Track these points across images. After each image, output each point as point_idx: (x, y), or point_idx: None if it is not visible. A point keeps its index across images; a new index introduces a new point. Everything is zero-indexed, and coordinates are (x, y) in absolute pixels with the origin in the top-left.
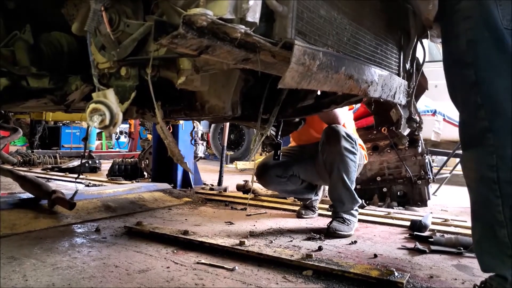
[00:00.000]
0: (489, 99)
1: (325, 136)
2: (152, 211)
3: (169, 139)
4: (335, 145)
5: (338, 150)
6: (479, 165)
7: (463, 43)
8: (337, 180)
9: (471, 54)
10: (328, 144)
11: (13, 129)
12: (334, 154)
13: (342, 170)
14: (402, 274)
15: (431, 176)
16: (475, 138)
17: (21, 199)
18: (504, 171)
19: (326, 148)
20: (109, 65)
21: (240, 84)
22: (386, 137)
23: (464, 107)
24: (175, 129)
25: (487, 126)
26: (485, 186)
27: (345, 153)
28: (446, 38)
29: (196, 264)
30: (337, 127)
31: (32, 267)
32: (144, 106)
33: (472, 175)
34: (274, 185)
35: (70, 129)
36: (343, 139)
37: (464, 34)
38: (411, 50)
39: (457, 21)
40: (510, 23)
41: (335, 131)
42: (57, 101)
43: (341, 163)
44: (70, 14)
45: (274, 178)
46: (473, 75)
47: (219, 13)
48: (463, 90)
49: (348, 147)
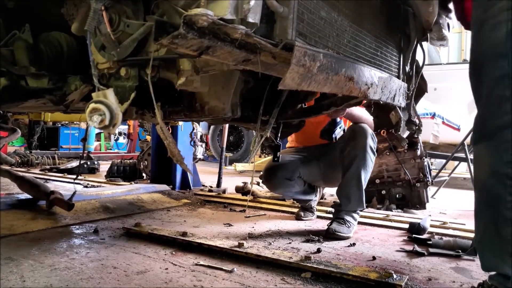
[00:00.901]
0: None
1: (352, 132)
2: (151, 212)
3: (169, 140)
4: (361, 141)
5: (363, 145)
6: (493, 160)
7: (501, 33)
8: (352, 176)
9: (508, 45)
10: (353, 139)
11: (11, 129)
12: (358, 149)
13: (361, 167)
14: (401, 276)
15: (430, 179)
16: (491, 132)
17: (19, 199)
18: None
19: (350, 143)
20: (109, 65)
21: (240, 86)
22: (385, 140)
23: (486, 101)
24: (174, 131)
25: (508, 121)
26: (497, 182)
27: (369, 151)
28: (481, 29)
29: (194, 266)
30: (365, 125)
31: (30, 268)
32: (144, 107)
33: (483, 169)
34: (282, 188)
35: (69, 130)
36: (370, 136)
37: (505, 24)
38: (411, 53)
39: (499, 12)
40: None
41: (363, 128)
42: (56, 101)
43: (362, 159)
44: (70, 14)
45: (284, 180)
46: (506, 67)
47: (220, 13)
48: (490, 83)
49: (373, 146)
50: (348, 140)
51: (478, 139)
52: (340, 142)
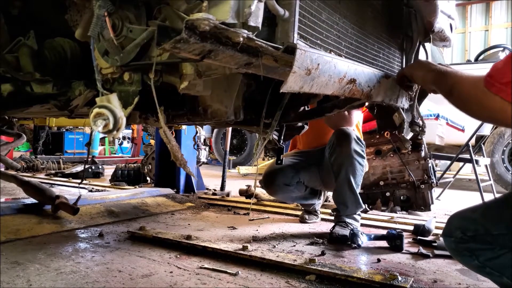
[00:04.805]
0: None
1: (336, 138)
2: (155, 216)
3: (172, 143)
4: (346, 147)
5: (348, 152)
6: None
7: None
8: (343, 182)
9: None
10: (338, 146)
11: (16, 134)
12: (343, 156)
13: (349, 173)
14: (406, 278)
15: (434, 180)
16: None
17: (25, 204)
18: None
19: (336, 149)
20: (112, 70)
21: (242, 89)
22: (389, 141)
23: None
24: (178, 134)
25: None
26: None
27: (355, 155)
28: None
29: (199, 269)
30: (348, 129)
31: (36, 272)
32: (147, 111)
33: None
34: (282, 194)
35: (73, 135)
36: (353, 141)
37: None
38: (414, 54)
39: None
40: None
41: (346, 133)
42: (60, 106)
43: (350, 165)
44: (74, 20)
45: (283, 186)
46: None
47: (221, 17)
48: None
49: (358, 150)
50: (333, 146)
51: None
52: (328, 148)
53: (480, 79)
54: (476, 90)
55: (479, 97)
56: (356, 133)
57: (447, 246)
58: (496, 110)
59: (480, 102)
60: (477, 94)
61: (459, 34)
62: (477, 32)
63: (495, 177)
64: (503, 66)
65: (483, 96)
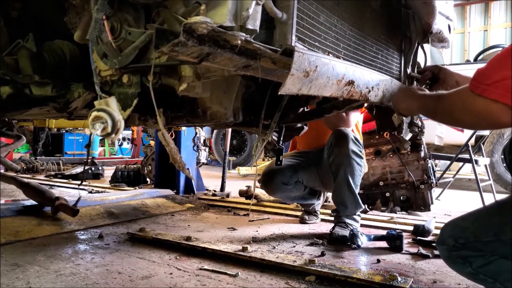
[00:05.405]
0: None
1: (334, 139)
2: (155, 217)
3: (170, 146)
4: (343, 147)
5: (346, 152)
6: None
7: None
8: (342, 183)
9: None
10: (336, 146)
11: (16, 136)
12: (341, 156)
13: (348, 173)
14: (405, 279)
15: (434, 180)
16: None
17: (24, 206)
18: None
19: (333, 150)
20: (111, 73)
21: (241, 90)
22: (388, 142)
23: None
24: (178, 135)
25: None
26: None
27: (353, 156)
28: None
29: (199, 270)
30: (346, 130)
31: (36, 274)
32: (146, 113)
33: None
34: (280, 193)
35: (73, 136)
36: (351, 141)
37: None
38: (412, 55)
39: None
40: None
41: (344, 133)
42: (59, 108)
43: (348, 166)
44: (73, 22)
45: (281, 185)
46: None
47: (219, 21)
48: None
49: (356, 150)
50: (331, 146)
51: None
52: (326, 148)
53: (464, 87)
54: (460, 97)
55: (462, 102)
56: (354, 134)
57: (441, 254)
58: (479, 110)
59: (464, 107)
60: (462, 100)
61: (458, 34)
62: (476, 32)
63: (495, 177)
64: (486, 68)
65: (467, 99)
